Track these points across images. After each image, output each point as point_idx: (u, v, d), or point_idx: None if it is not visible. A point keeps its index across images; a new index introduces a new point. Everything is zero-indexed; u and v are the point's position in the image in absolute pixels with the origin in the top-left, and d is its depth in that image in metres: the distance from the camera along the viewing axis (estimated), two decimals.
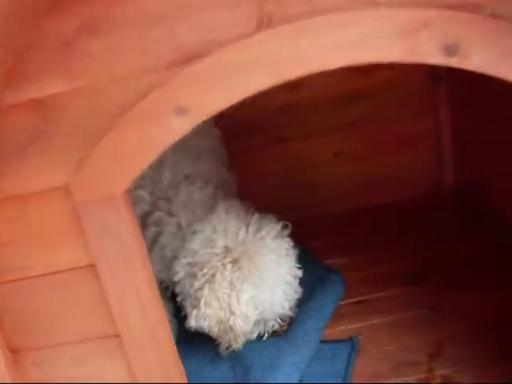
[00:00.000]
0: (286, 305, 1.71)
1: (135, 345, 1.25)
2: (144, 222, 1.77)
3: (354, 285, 2.09)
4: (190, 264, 1.66)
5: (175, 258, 1.70)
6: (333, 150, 2.44)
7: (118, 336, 1.25)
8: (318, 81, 1.89)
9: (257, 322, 1.72)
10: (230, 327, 1.63)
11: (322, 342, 1.94)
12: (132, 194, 1.57)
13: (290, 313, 1.76)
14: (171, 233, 1.75)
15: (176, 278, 1.69)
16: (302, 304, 1.91)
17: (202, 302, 1.60)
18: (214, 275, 1.60)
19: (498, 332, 1.75)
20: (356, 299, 2.06)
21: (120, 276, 1.19)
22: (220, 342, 1.71)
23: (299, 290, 1.74)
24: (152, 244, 1.75)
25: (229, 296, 1.61)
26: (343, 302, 2.04)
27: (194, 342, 1.75)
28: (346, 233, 2.29)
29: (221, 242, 1.64)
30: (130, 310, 1.21)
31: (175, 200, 1.78)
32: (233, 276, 1.60)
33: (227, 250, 1.63)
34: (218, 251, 1.63)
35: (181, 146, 1.65)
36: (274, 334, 1.93)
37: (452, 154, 2.40)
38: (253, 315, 1.65)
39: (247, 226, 1.66)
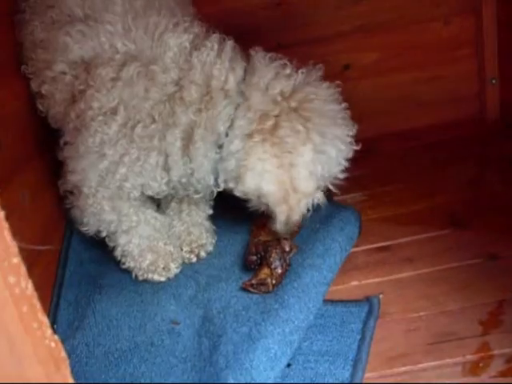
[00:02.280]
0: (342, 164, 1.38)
1: None
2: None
3: (373, 226, 1.59)
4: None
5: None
6: (342, 61, 1.97)
7: None
8: None
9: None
10: (294, 189, 1.31)
11: (327, 302, 1.32)
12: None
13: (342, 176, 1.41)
14: None
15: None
16: (300, 249, 1.44)
17: (256, 157, 1.30)
18: (274, 126, 1.31)
19: None
20: (376, 245, 1.53)
21: None
22: (275, 217, 1.36)
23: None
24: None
25: (292, 149, 1.31)
26: (358, 249, 1.53)
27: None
28: (362, 163, 1.63)
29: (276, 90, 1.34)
30: None
31: None
32: (295, 124, 1.31)
33: (283, 95, 1.33)
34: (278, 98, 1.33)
35: None
36: (259, 288, 1.37)
37: (497, 67, 1.93)
38: (317, 173, 1.34)
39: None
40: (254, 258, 1.41)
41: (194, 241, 1.54)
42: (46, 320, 0.73)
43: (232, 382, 1.11)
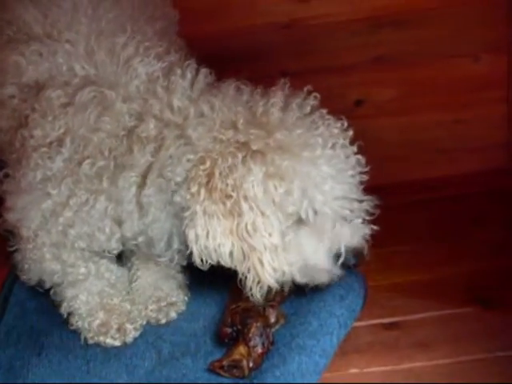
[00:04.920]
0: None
1: None
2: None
3: (380, 295, 1.33)
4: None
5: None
6: (354, 95, 1.76)
7: None
8: None
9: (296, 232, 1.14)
10: (252, 247, 1.08)
11: None
12: None
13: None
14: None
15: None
16: (288, 321, 1.21)
17: (200, 210, 1.07)
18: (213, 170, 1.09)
19: None
20: (382, 320, 1.27)
21: None
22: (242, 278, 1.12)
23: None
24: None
25: (238, 194, 1.08)
26: (360, 324, 1.26)
27: None
28: (370, 215, 1.39)
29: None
30: None
31: None
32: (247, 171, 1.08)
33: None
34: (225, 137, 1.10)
35: None
36: (232, 372, 1.12)
37: None
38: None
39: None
40: (229, 330, 1.18)
41: (163, 298, 1.31)
42: None
43: None
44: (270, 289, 1.11)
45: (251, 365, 1.09)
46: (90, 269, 1.25)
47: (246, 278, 1.10)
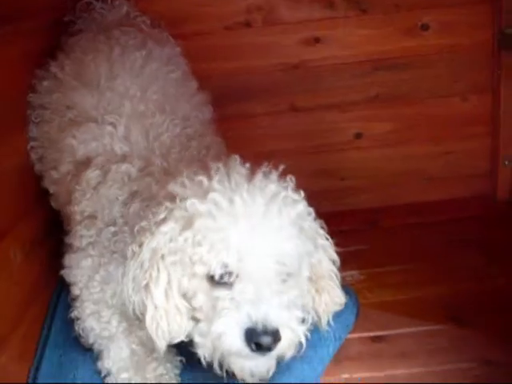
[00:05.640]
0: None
1: None
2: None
3: (371, 311, 1.47)
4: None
5: None
6: (353, 129, 1.89)
7: None
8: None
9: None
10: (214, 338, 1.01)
11: None
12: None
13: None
14: None
15: None
16: None
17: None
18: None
19: None
20: (371, 334, 1.42)
21: None
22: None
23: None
24: None
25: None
26: (353, 336, 1.41)
27: None
28: (364, 238, 1.49)
29: None
30: None
31: None
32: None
33: None
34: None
35: None
36: None
37: None
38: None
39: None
40: None
41: None
42: None
43: None
44: None
45: None
46: (123, 326, 1.26)
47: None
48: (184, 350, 1.20)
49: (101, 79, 1.41)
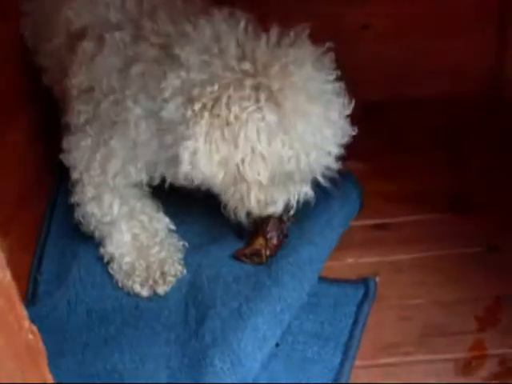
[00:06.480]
0: (333, 150, 1.12)
1: None
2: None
3: (374, 200, 1.44)
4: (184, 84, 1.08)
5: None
6: (360, 20, 1.80)
7: None
8: None
9: (286, 176, 1.12)
10: (240, 175, 1.07)
11: (321, 280, 1.27)
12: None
13: (335, 166, 1.15)
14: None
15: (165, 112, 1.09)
16: (296, 221, 1.30)
17: (199, 131, 1.04)
18: (221, 95, 1.05)
19: None
20: (374, 221, 1.42)
21: None
22: (226, 202, 1.15)
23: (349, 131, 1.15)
24: None
25: (240, 126, 1.04)
26: (356, 224, 1.41)
27: None
28: (369, 130, 1.47)
29: (232, 51, 1.07)
30: None
31: None
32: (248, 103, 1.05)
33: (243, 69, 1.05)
34: (231, 63, 1.06)
35: None
36: (252, 259, 1.26)
37: None
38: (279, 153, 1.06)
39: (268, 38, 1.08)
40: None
41: None
42: (24, 312, 0.63)
43: (218, 363, 1.03)
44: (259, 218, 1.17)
45: (268, 253, 1.23)
46: (124, 210, 1.25)
47: (227, 201, 1.14)
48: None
49: None
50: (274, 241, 1.26)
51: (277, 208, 1.18)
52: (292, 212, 1.21)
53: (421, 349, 1.13)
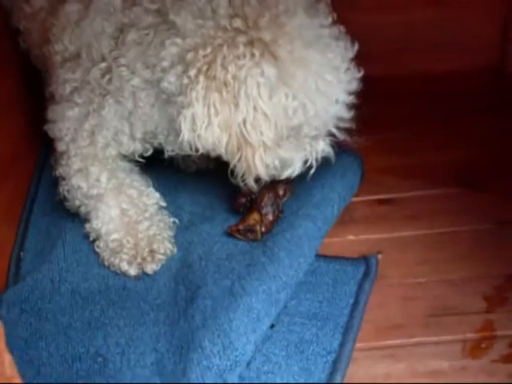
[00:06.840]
0: (341, 96, 1.06)
1: None
2: None
3: (376, 175, 1.38)
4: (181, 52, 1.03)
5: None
6: None
7: None
8: None
9: (296, 132, 1.08)
10: (244, 138, 1.02)
11: (319, 257, 1.19)
12: None
13: (347, 115, 1.11)
14: None
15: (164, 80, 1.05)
16: (295, 195, 1.26)
17: (196, 96, 1.00)
18: (215, 57, 1.00)
19: None
20: (377, 197, 1.35)
21: None
22: (232, 169, 1.09)
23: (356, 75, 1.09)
24: None
25: (239, 85, 0.99)
26: (357, 199, 1.34)
27: None
28: (371, 103, 1.37)
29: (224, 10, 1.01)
30: None
31: None
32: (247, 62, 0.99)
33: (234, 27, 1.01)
34: (223, 23, 1.01)
35: None
36: (247, 235, 1.20)
37: None
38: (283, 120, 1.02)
39: None
40: (244, 200, 1.24)
41: None
42: None
43: (207, 345, 0.95)
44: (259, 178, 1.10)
45: (263, 229, 1.17)
46: (112, 183, 1.19)
47: (235, 167, 1.08)
48: None
49: None
50: (270, 217, 1.20)
51: (294, 169, 1.12)
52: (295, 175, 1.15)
53: (426, 330, 1.06)
